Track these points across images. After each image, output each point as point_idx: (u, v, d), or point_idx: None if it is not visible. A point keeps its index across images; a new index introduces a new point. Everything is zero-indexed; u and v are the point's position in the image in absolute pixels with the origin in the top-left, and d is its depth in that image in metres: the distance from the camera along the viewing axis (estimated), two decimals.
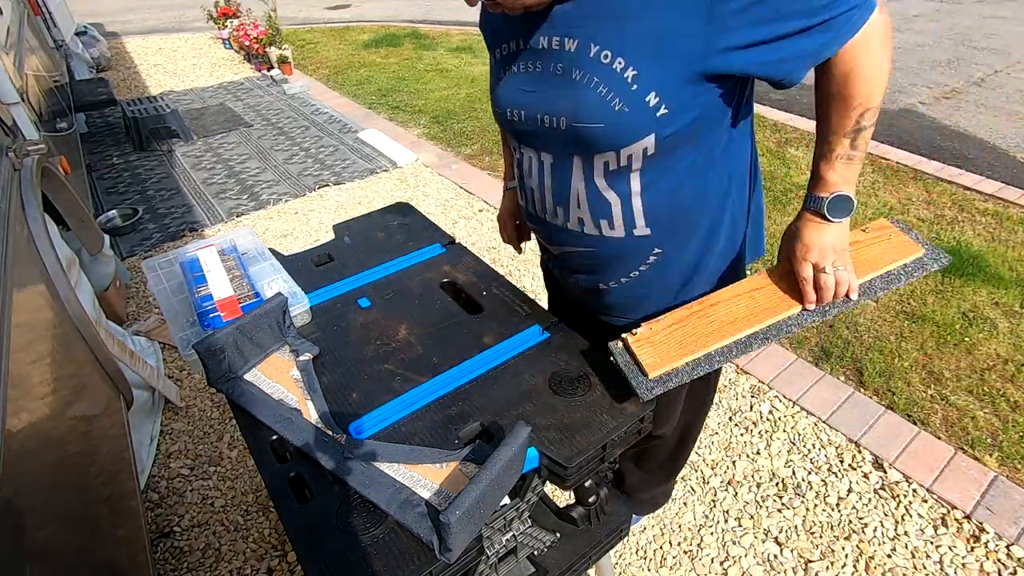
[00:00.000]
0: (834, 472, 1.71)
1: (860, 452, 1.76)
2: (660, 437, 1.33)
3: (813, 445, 1.79)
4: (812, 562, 1.50)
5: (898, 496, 1.63)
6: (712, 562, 1.52)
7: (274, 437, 0.88)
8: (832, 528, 1.57)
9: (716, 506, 1.64)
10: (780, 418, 1.88)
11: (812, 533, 1.56)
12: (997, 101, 4.30)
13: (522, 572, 0.99)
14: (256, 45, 5.24)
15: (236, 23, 5.57)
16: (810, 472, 1.72)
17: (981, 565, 1.47)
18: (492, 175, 3.40)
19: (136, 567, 1.16)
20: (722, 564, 1.51)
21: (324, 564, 0.71)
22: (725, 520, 1.61)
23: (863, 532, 1.56)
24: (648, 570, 1.51)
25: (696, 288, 1.04)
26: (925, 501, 1.62)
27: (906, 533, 1.55)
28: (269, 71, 5.19)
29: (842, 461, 1.74)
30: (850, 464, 1.73)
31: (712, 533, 1.58)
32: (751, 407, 1.92)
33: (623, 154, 0.86)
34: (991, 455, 1.73)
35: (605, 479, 1.08)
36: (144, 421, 1.84)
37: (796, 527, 1.58)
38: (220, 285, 1.10)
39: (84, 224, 1.98)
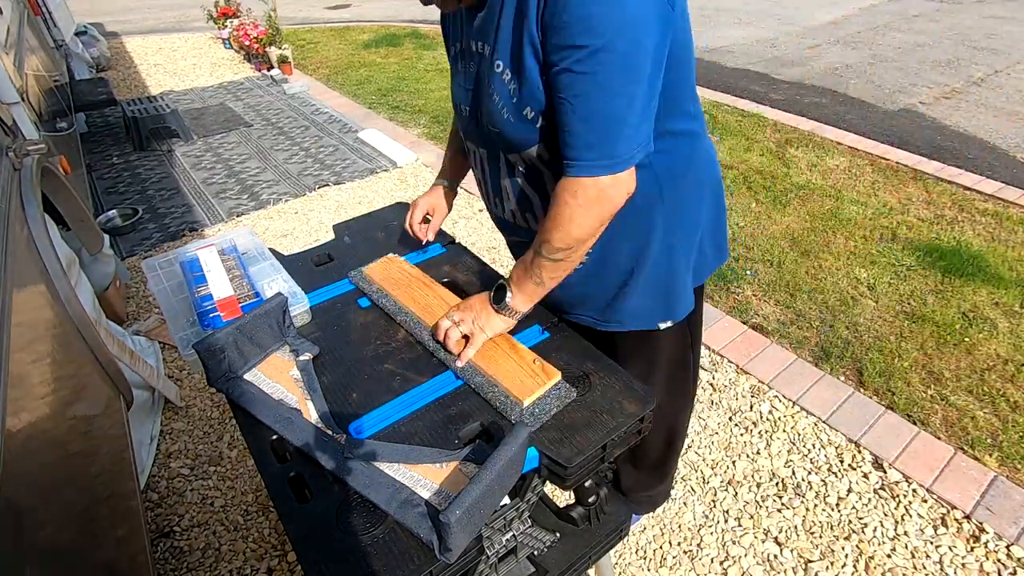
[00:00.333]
0: (834, 472, 1.71)
1: (860, 452, 1.76)
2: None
3: (813, 445, 1.79)
4: (812, 562, 1.50)
5: (898, 496, 1.63)
6: (712, 562, 1.52)
7: (274, 437, 0.88)
8: (832, 528, 1.57)
9: (716, 506, 1.64)
10: (780, 418, 1.88)
11: (812, 533, 1.56)
12: (997, 101, 4.30)
13: (522, 572, 0.99)
14: (256, 45, 5.24)
15: (236, 23, 5.57)
16: (810, 472, 1.72)
17: (981, 565, 1.47)
18: None
19: (136, 567, 1.16)
20: (722, 564, 1.51)
21: (324, 564, 0.71)
22: (725, 520, 1.61)
23: (863, 532, 1.56)
24: (648, 570, 1.51)
25: (635, 293, 1.04)
26: (925, 501, 1.62)
27: (906, 533, 1.55)
28: (269, 71, 5.18)
29: (842, 461, 1.74)
30: (850, 464, 1.73)
31: (712, 533, 1.58)
32: (751, 407, 1.92)
33: (525, 156, 0.90)
34: (991, 455, 1.73)
35: (605, 479, 1.09)
36: (144, 421, 1.84)
37: (796, 527, 1.58)
38: (220, 285, 1.10)
39: (84, 224, 1.98)
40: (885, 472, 1.70)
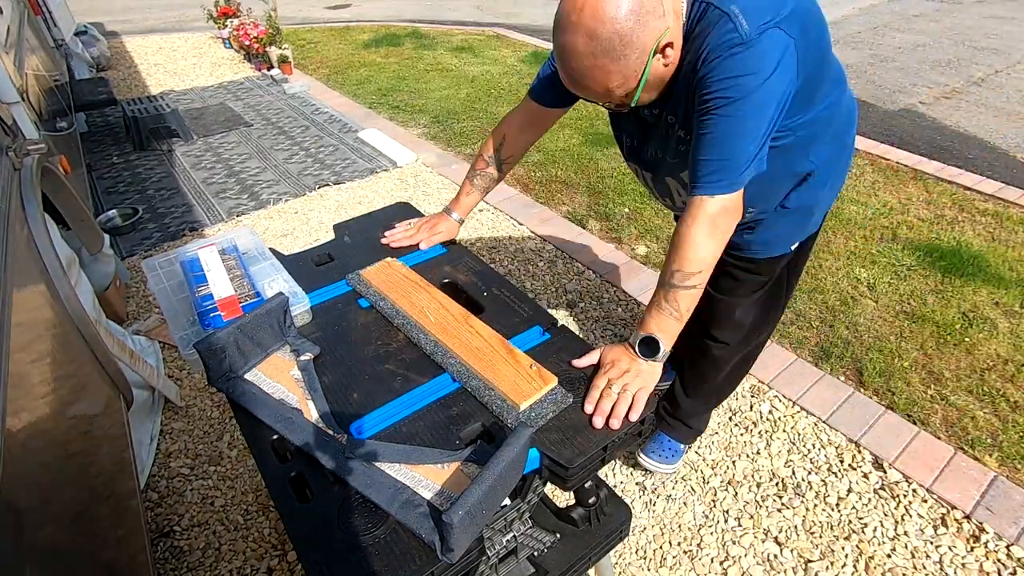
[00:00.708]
0: (834, 472, 1.71)
1: (860, 452, 1.76)
2: (724, 344, 1.49)
3: (813, 445, 1.79)
4: (812, 562, 1.50)
5: (898, 496, 1.63)
6: (712, 562, 1.52)
7: (274, 437, 0.88)
8: (832, 528, 1.57)
9: (716, 506, 1.64)
10: (780, 418, 1.88)
11: (812, 533, 1.56)
12: (997, 101, 4.30)
13: (522, 572, 0.99)
14: (256, 45, 5.24)
15: (236, 23, 5.56)
16: (810, 472, 1.72)
17: (981, 565, 1.47)
18: None
19: (136, 567, 1.16)
20: (722, 564, 1.51)
21: (325, 564, 0.71)
22: (725, 520, 1.61)
23: (863, 532, 1.56)
24: (648, 570, 1.51)
25: (777, 227, 1.27)
26: (925, 501, 1.62)
27: (906, 533, 1.55)
28: (269, 71, 5.18)
29: (842, 461, 1.74)
30: (850, 464, 1.73)
31: (712, 533, 1.58)
32: (751, 407, 1.92)
33: (679, 176, 1.24)
34: (991, 455, 1.73)
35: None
36: (144, 421, 1.84)
37: (796, 527, 1.58)
38: (220, 284, 1.10)
39: (84, 224, 1.97)
40: (885, 472, 1.70)
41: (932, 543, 1.53)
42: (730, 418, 1.89)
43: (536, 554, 1.01)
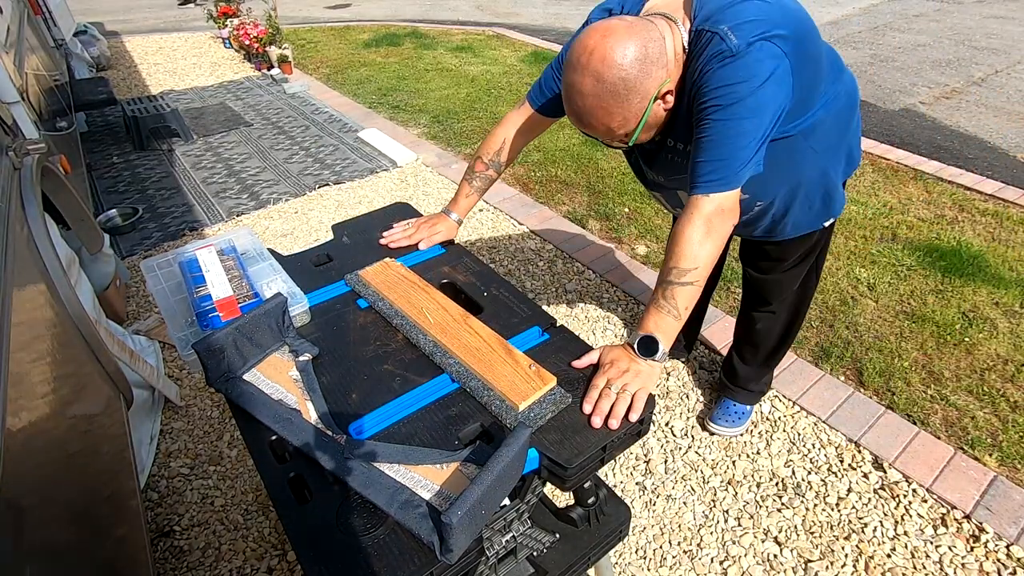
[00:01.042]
0: (834, 472, 1.71)
1: (860, 452, 1.76)
2: (771, 312, 1.63)
3: (813, 445, 1.79)
4: (812, 562, 1.50)
5: (898, 496, 1.63)
6: (712, 562, 1.52)
7: (273, 437, 0.88)
8: (832, 528, 1.57)
9: (716, 506, 1.64)
10: (780, 418, 1.88)
11: (812, 533, 1.56)
12: (997, 101, 4.30)
13: (522, 573, 0.99)
14: (256, 44, 5.24)
15: (236, 22, 5.56)
16: (810, 472, 1.72)
17: (981, 565, 1.47)
18: None
19: (136, 566, 1.16)
20: (722, 564, 1.51)
21: (324, 564, 0.71)
22: (725, 520, 1.61)
23: (863, 532, 1.56)
24: (648, 570, 1.51)
25: (799, 210, 1.32)
26: (925, 501, 1.62)
27: (906, 533, 1.55)
28: (269, 70, 5.18)
29: (842, 461, 1.74)
30: (850, 464, 1.73)
31: (712, 533, 1.58)
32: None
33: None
34: (991, 455, 1.73)
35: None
36: (144, 420, 1.84)
37: (796, 527, 1.58)
38: (219, 285, 1.10)
39: (84, 223, 1.97)
40: (885, 472, 1.70)
41: (932, 543, 1.53)
42: None
43: (535, 554, 1.01)
